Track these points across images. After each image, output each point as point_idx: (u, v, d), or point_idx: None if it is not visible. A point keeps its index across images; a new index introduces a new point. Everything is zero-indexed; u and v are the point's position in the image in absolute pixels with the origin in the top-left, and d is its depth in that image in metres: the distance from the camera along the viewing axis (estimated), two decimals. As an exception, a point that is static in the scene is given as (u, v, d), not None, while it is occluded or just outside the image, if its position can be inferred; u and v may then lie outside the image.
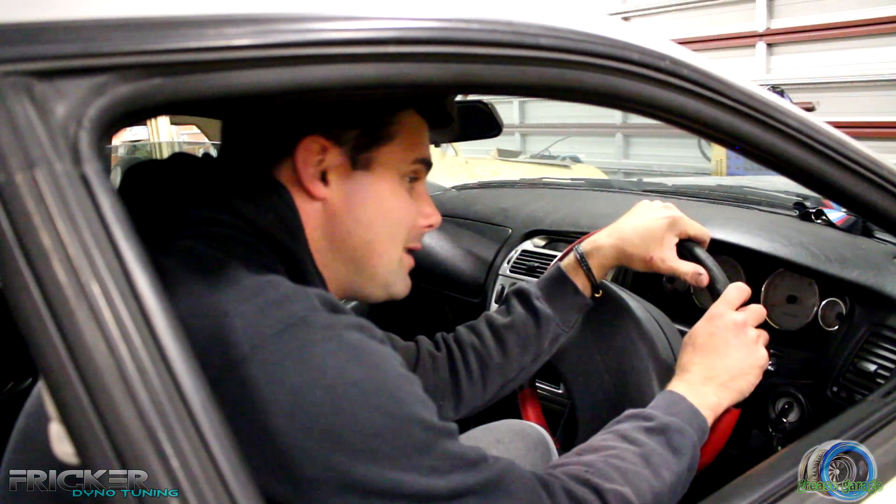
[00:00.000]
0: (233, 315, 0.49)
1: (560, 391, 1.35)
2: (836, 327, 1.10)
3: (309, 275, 0.62)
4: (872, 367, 0.94)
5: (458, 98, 1.04)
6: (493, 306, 1.56)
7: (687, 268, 0.91)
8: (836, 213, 1.20)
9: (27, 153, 0.34)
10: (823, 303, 1.14)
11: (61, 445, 0.34)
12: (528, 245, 1.57)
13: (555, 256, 1.30)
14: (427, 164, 0.71)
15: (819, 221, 1.22)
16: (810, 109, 2.75)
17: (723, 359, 0.79)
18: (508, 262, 1.57)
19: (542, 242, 1.56)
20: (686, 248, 0.94)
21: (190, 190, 0.62)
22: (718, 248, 1.15)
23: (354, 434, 0.48)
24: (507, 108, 7.99)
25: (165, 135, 3.66)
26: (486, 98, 1.25)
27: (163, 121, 3.23)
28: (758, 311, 0.82)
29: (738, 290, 0.84)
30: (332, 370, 0.49)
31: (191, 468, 0.34)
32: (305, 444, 0.47)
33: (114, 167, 3.07)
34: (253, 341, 0.48)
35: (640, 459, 0.66)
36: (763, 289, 1.21)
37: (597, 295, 0.98)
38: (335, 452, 0.48)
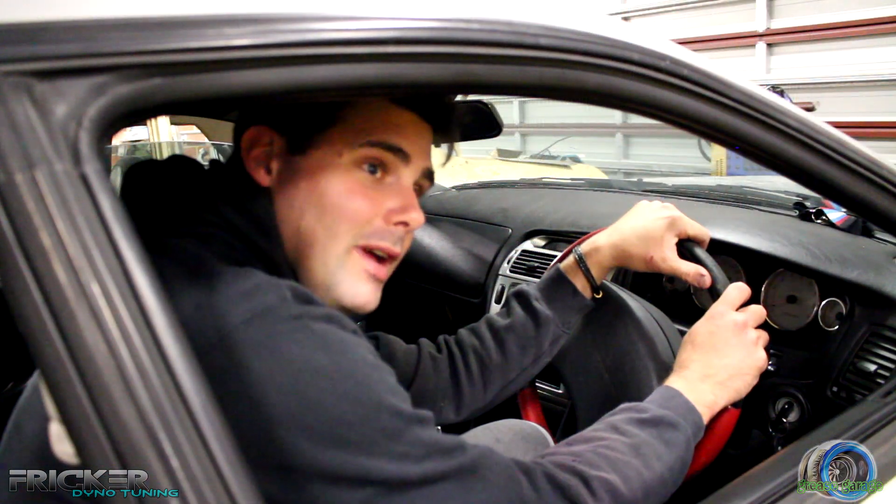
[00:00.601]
0: (203, 306, 0.49)
1: (560, 391, 1.35)
2: (836, 327, 1.10)
3: (284, 277, 0.61)
4: (872, 367, 0.94)
5: (458, 98, 1.04)
6: (493, 306, 1.56)
7: (688, 268, 0.91)
8: (836, 213, 1.20)
9: (27, 153, 0.34)
10: (823, 303, 1.14)
11: (61, 445, 0.34)
12: (528, 245, 1.57)
13: (555, 256, 1.30)
14: (397, 151, 0.64)
15: (819, 221, 1.22)
16: (810, 109, 2.75)
17: (722, 358, 0.79)
18: (508, 262, 1.57)
19: (542, 242, 1.56)
20: (686, 248, 0.94)
21: (185, 191, 0.63)
22: (718, 248, 1.15)
23: (321, 421, 0.48)
24: (507, 108, 7.98)
25: (165, 135, 3.66)
26: (486, 98, 1.25)
27: (163, 121, 3.23)
28: (758, 312, 0.82)
29: (738, 291, 0.84)
30: (298, 358, 0.49)
31: (191, 468, 0.34)
32: (273, 431, 0.47)
33: (114, 167, 3.07)
34: (221, 331, 0.48)
35: (629, 450, 0.66)
36: (763, 289, 1.21)
37: (597, 296, 0.98)
38: (301, 439, 0.48)
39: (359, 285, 0.65)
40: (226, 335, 0.48)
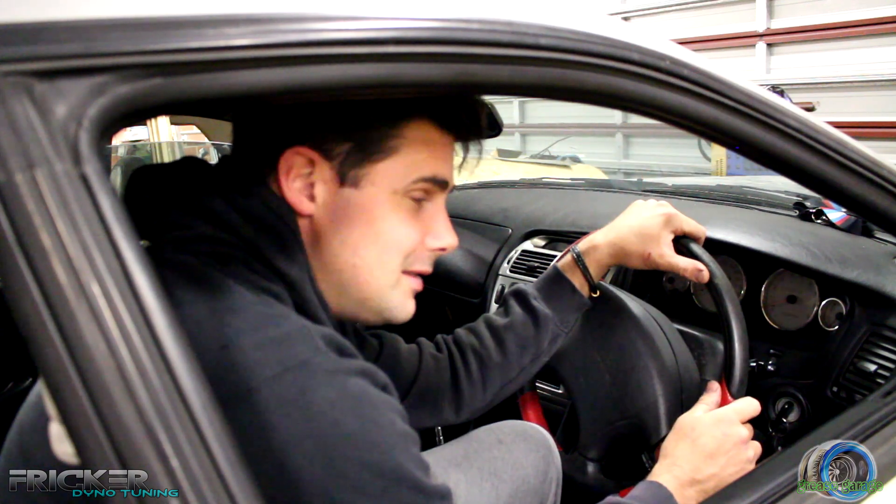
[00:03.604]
0: (232, 349, 0.49)
1: (560, 391, 1.35)
2: (836, 327, 1.10)
3: (309, 302, 0.60)
4: (872, 367, 0.94)
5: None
6: (493, 306, 1.56)
7: (686, 263, 0.91)
8: (836, 213, 1.20)
9: (27, 153, 0.34)
10: (823, 303, 1.14)
11: (61, 445, 0.34)
12: (528, 245, 1.57)
13: (555, 256, 1.30)
14: (441, 183, 0.65)
15: (819, 221, 1.22)
16: (810, 109, 2.75)
17: (716, 468, 0.77)
18: (508, 262, 1.57)
19: (542, 242, 1.56)
20: (682, 244, 0.94)
21: (195, 200, 0.60)
22: (718, 248, 1.15)
23: (342, 490, 0.48)
24: (507, 108, 7.97)
25: (165, 135, 3.67)
26: (486, 98, 1.24)
27: (163, 121, 3.23)
28: (750, 429, 0.81)
29: (752, 407, 0.82)
30: (328, 421, 0.48)
31: (191, 468, 0.34)
32: (293, 494, 0.47)
33: (114, 167, 3.07)
34: (250, 383, 0.47)
35: None
36: (763, 289, 1.21)
37: (594, 295, 0.98)
38: None
39: (407, 303, 0.68)
40: (254, 388, 0.47)
